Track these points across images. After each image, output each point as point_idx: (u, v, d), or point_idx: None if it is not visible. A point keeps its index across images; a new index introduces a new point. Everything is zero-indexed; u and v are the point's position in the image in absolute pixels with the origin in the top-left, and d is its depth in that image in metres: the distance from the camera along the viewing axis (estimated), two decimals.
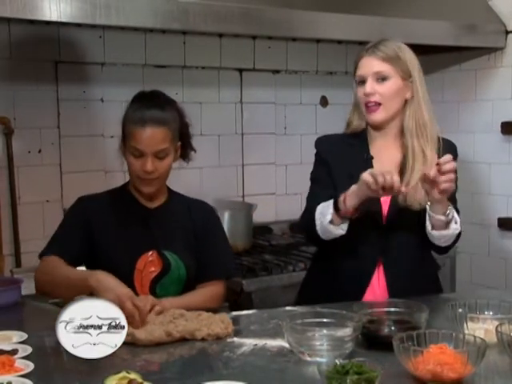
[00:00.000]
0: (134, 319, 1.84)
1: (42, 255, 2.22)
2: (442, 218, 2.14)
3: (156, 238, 2.22)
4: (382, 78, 2.20)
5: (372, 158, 2.27)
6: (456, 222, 2.17)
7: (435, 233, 2.17)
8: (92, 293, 1.95)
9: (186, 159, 2.32)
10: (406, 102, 2.23)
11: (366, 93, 2.20)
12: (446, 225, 2.16)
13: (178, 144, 2.22)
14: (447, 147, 2.25)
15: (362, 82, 2.23)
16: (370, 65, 2.21)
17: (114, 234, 2.20)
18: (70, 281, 2.04)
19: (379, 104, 2.21)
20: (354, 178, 2.18)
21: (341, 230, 2.16)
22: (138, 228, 2.23)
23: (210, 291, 2.23)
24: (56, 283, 2.10)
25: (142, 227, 2.23)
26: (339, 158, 2.29)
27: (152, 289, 2.19)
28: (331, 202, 2.15)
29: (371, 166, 2.24)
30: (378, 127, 2.27)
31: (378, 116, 2.22)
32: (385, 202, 2.23)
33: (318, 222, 2.19)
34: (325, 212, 2.16)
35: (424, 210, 2.17)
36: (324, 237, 2.21)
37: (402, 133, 2.25)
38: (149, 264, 2.19)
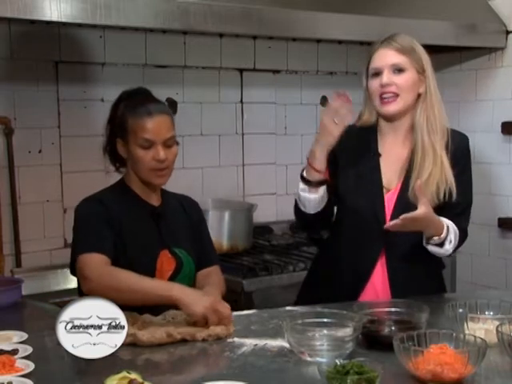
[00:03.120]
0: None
1: (77, 253, 2.08)
2: (435, 238, 2.15)
3: (165, 236, 2.21)
4: (398, 70, 2.20)
5: (380, 155, 2.27)
6: (451, 242, 2.17)
7: (428, 247, 2.19)
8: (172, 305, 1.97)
9: None
10: (418, 96, 2.23)
11: (384, 83, 2.19)
12: (440, 244, 2.17)
13: None
14: (457, 140, 2.25)
15: (377, 74, 2.22)
16: (387, 56, 2.21)
17: (132, 234, 2.16)
18: (148, 290, 1.97)
19: (396, 95, 2.20)
20: (360, 175, 2.20)
21: (315, 194, 2.19)
22: (151, 227, 2.21)
23: (220, 277, 2.27)
24: (119, 288, 1.97)
25: (153, 226, 2.22)
26: (346, 152, 2.29)
27: None
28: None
29: (378, 164, 2.26)
30: (391, 120, 2.26)
31: (393, 107, 2.21)
32: (390, 199, 2.24)
33: (296, 198, 2.25)
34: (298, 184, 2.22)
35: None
36: (308, 210, 2.22)
37: (412, 129, 2.25)
38: (165, 263, 2.18)
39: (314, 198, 2.20)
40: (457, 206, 2.24)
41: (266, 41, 3.73)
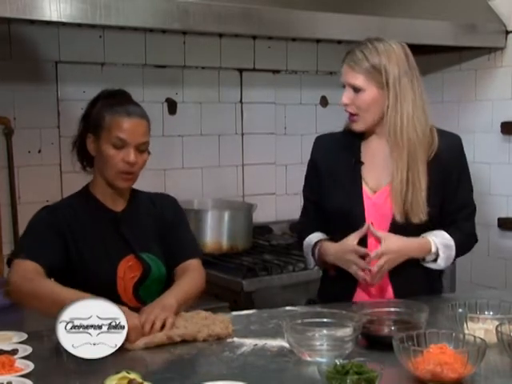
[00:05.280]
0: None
1: (14, 257, 2.06)
2: (426, 257, 2.21)
3: (130, 241, 2.16)
4: (356, 90, 2.16)
5: (362, 163, 2.25)
6: (442, 257, 2.20)
7: (425, 265, 2.23)
8: None
9: None
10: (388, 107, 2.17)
11: (343, 103, 2.19)
12: (435, 260, 2.22)
13: None
14: (448, 143, 2.23)
15: (344, 86, 2.21)
16: (345, 74, 2.19)
17: (89, 243, 2.13)
18: (60, 300, 1.83)
19: (356, 115, 2.19)
20: (341, 184, 2.21)
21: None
22: (112, 234, 2.17)
23: (198, 273, 2.18)
24: (39, 296, 1.93)
25: (115, 232, 2.17)
26: (329, 163, 2.29)
27: (135, 293, 2.14)
28: (310, 250, 2.32)
29: (359, 172, 2.24)
30: (367, 131, 2.25)
31: (357, 126, 2.21)
32: (379, 197, 2.22)
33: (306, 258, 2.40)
34: (308, 258, 2.37)
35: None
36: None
37: None
38: (128, 270, 2.13)
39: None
40: (460, 211, 2.24)
41: (266, 41, 3.73)
